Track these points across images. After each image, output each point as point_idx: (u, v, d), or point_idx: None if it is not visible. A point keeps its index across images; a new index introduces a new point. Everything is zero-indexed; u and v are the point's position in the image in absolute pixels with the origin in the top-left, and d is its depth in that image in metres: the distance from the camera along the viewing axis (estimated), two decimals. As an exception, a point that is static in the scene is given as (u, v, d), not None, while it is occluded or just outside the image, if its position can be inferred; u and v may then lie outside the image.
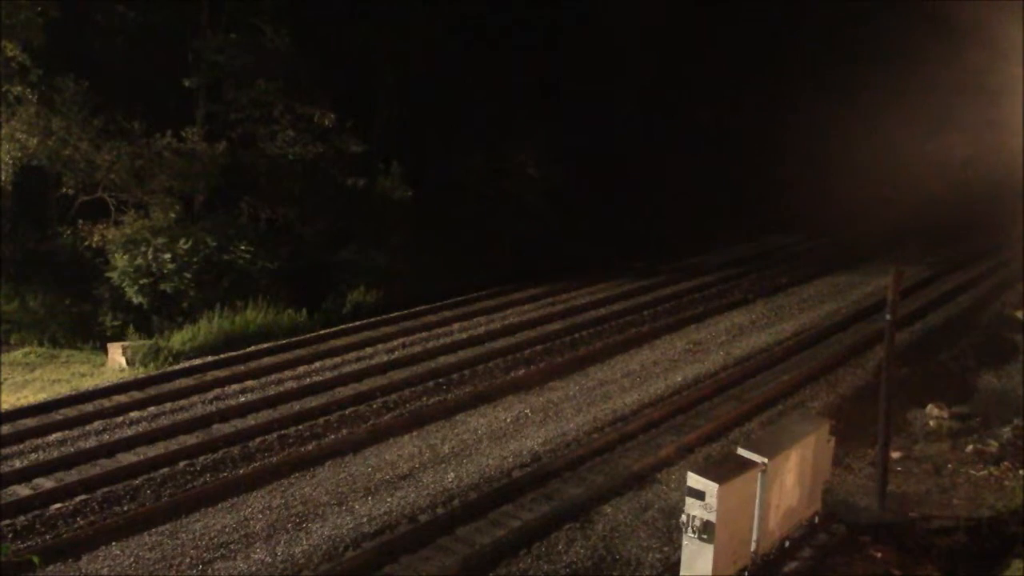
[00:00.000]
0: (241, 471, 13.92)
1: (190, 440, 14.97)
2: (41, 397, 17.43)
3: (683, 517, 10.38)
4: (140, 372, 19.01)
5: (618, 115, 34.80)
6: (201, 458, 14.29)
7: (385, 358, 19.56)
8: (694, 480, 10.34)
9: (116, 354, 19.79)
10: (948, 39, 35.15)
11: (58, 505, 12.64)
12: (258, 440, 15.04)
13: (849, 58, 40.53)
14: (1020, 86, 31.82)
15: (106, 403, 16.53)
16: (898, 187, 42.14)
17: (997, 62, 33.20)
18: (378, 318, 22.91)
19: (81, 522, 12.31)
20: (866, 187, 40.59)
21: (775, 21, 40.32)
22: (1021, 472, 15.06)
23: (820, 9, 40.08)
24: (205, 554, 11.55)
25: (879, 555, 12.03)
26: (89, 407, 16.31)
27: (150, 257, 22.18)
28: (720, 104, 37.78)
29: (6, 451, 14.36)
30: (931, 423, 17.41)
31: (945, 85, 38.26)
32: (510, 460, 14.41)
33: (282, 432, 15.37)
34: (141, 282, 22.13)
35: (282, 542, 11.84)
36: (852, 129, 40.68)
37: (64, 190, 23.38)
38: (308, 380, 18.07)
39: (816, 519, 12.40)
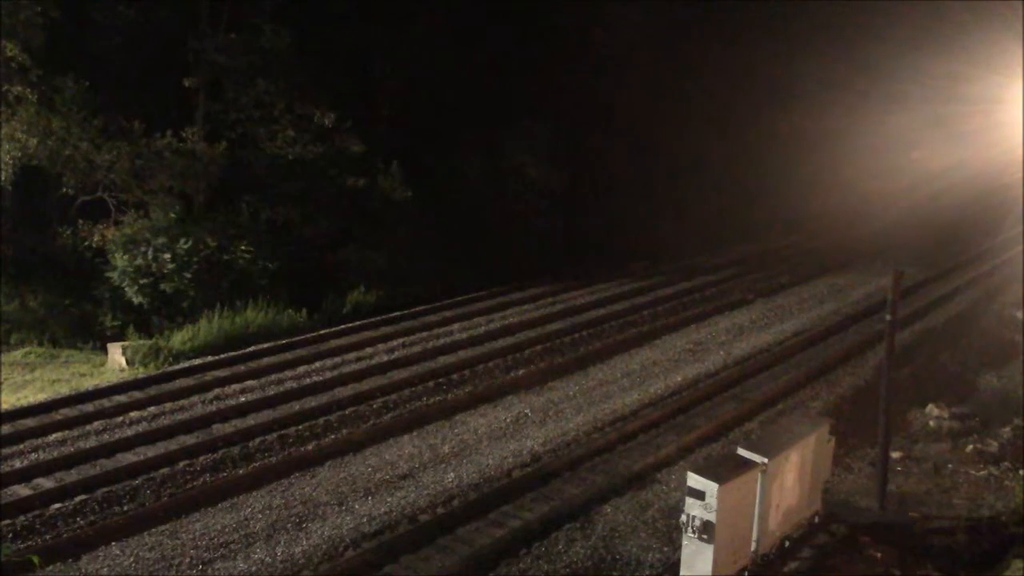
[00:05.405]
0: (241, 471, 13.92)
1: (190, 440, 14.96)
2: (41, 397, 17.43)
3: (683, 517, 10.36)
4: (140, 372, 19.01)
5: (619, 115, 34.79)
6: (201, 458, 14.27)
7: (385, 358, 19.56)
8: (694, 480, 10.33)
9: (116, 354, 19.79)
10: (945, 51, 35.34)
11: (58, 505, 12.63)
12: (258, 440, 15.03)
13: (848, 65, 40.59)
14: (1018, 92, 31.96)
15: (106, 403, 16.53)
16: (898, 188, 42.20)
17: (990, 73, 33.38)
18: (378, 318, 22.88)
19: (81, 522, 12.30)
20: (866, 189, 40.61)
21: (776, 29, 40.33)
22: (1021, 472, 15.06)
23: (821, 19, 40.13)
24: (205, 554, 11.54)
25: (879, 555, 12.02)
26: (89, 407, 16.31)
27: (150, 257, 22.22)
28: (720, 106, 37.78)
29: (6, 451, 14.36)
30: (931, 423, 17.41)
31: (942, 94, 38.41)
32: (510, 460, 14.40)
33: (282, 432, 15.36)
34: (141, 282, 22.17)
35: (282, 542, 11.84)
36: (852, 132, 40.69)
37: (64, 190, 23.39)
38: (308, 380, 18.06)
39: (816, 519, 12.40)
